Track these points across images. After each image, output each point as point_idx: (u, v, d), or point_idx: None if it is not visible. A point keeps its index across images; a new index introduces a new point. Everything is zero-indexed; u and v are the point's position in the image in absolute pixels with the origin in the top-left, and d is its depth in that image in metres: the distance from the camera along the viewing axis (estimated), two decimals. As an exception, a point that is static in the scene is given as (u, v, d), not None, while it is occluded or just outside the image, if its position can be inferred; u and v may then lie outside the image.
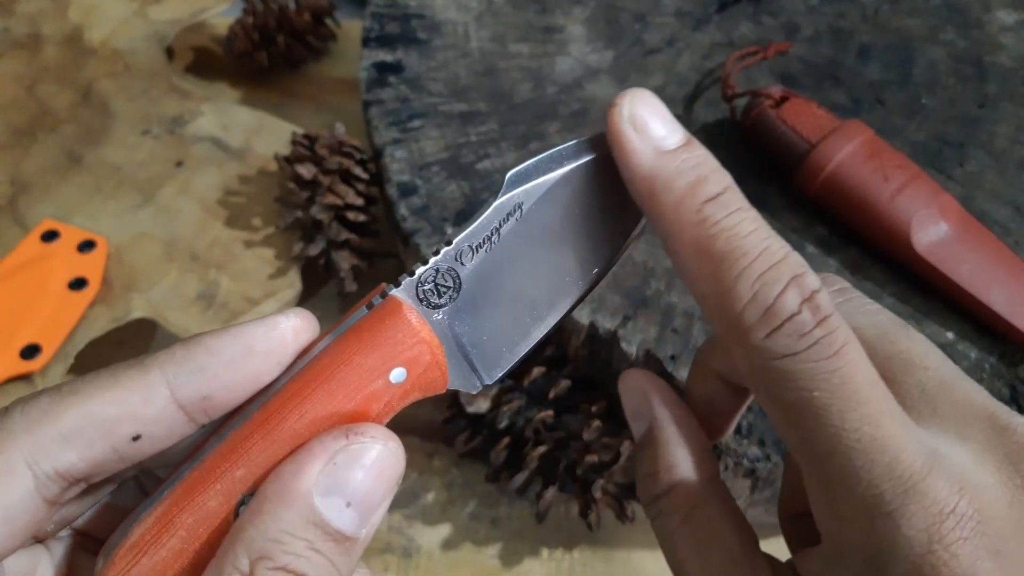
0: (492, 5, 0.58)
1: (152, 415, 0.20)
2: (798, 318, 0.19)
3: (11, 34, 0.71)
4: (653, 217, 0.21)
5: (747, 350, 0.20)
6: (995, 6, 0.56)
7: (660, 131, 0.21)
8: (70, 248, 0.56)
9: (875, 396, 0.19)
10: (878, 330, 0.22)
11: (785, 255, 0.20)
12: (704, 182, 0.21)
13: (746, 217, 0.20)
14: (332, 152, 0.55)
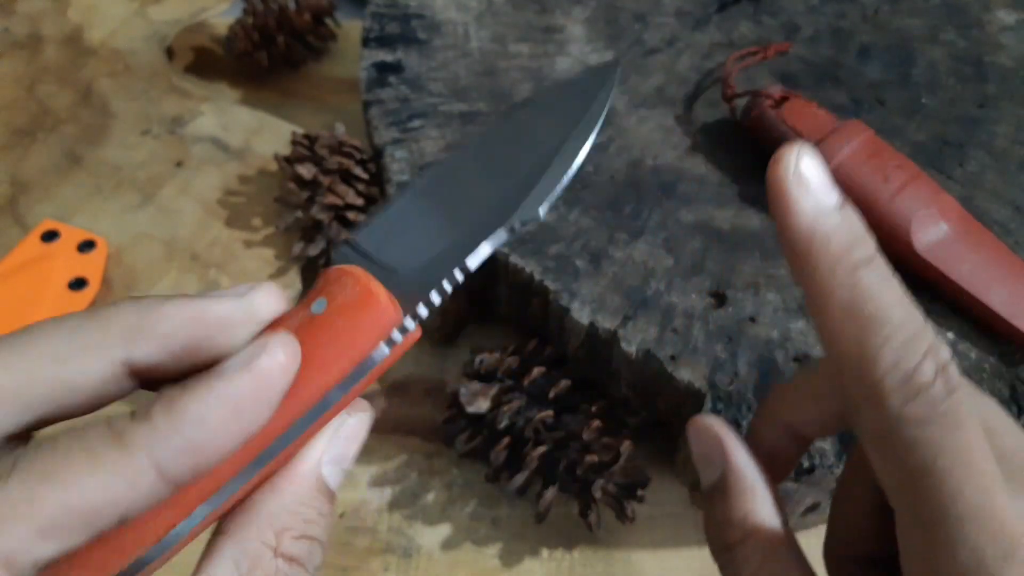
0: (492, 5, 0.58)
1: (140, 498, 0.18)
2: (933, 389, 0.20)
3: (11, 34, 0.71)
4: (805, 274, 0.22)
5: (880, 414, 0.20)
6: (995, 6, 0.56)
7: (821, 189, 0.22)
8: (70, 248, 0.56)
9: (988, 469, 0.20)
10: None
11: (924, 325, 0.21)
12: (861, 243, 0.21)
13: (893, 285, 0.21)
14: (332, 152, 0.55)
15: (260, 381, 0.20)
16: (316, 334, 0.21)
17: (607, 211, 0.47)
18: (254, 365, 0.20)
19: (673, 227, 0.46)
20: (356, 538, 0.46)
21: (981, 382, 0.40)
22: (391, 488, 0.47)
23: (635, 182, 0.48)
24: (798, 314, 0.42)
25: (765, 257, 0.45)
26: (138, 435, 0.18)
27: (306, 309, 0.22)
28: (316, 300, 0.22)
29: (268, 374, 0.20)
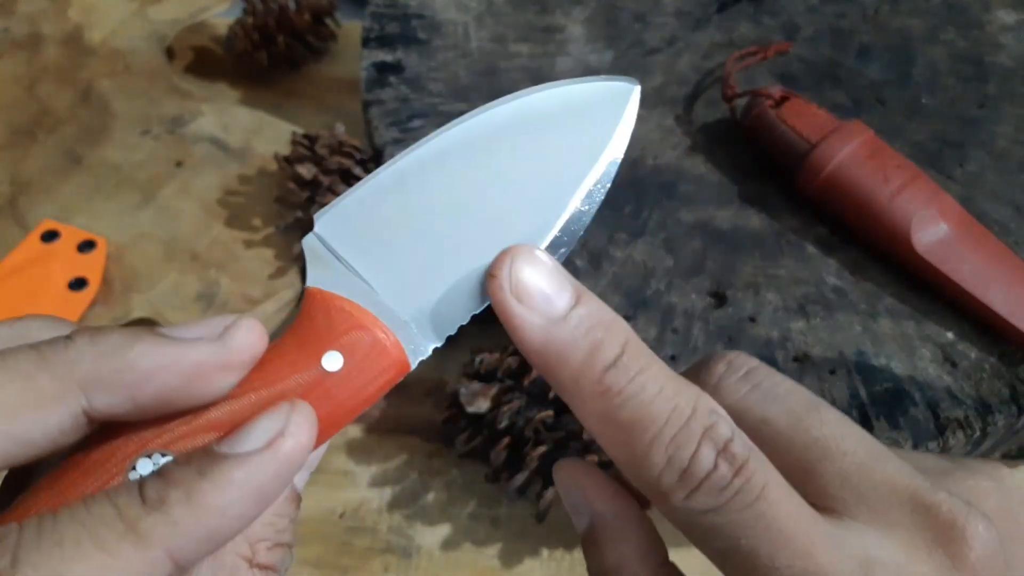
0: (492, 5, 0.58)
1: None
2: (715, 474, 0.19)
3: (11, 34, 0.71)
4: (556, 389, 0.21)
5: (669, 510, 0.20)
6: (995, 6, 0.56)
7: (546, 295, 0.20)
8: (70, 248, 0.56)
9: (802, 529, 0.19)
10: (792, 418, 0.22)
11: (693, 409, 0.20)
12: (600, 347, 0.20)
13: (648, 377, 0.20)
14: (332, 152, 0.55)
15: (282, 465, 0.18)
16: (332, 394, 0.20)
17: (607, 211, 0.47)
18: (277, 450, 0.18)
19: (673, 227, 0.46)
20: (356, 538, 0.46)
21: (981, 382, 0.40)
22: (391, 488, 0.47)
23: (635, 182, 0.48)
24: (798, 314, 0.42)
25: (765, 257, 0.45)
26: (156, 528, 0.17)
27: (317, 366, 0.20)
28: (328, 354, 0.20)
29: (290, 457, 0.19)
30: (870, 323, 0.42)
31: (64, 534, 0.16)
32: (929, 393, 0.40)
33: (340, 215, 0.22)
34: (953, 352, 0.41)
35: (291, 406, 0.19)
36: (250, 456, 0.18)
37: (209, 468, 0.18)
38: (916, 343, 0.42)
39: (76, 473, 0.19)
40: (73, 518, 0.17)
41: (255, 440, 0.18)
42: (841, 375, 0.41)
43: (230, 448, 0.18)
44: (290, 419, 0.19)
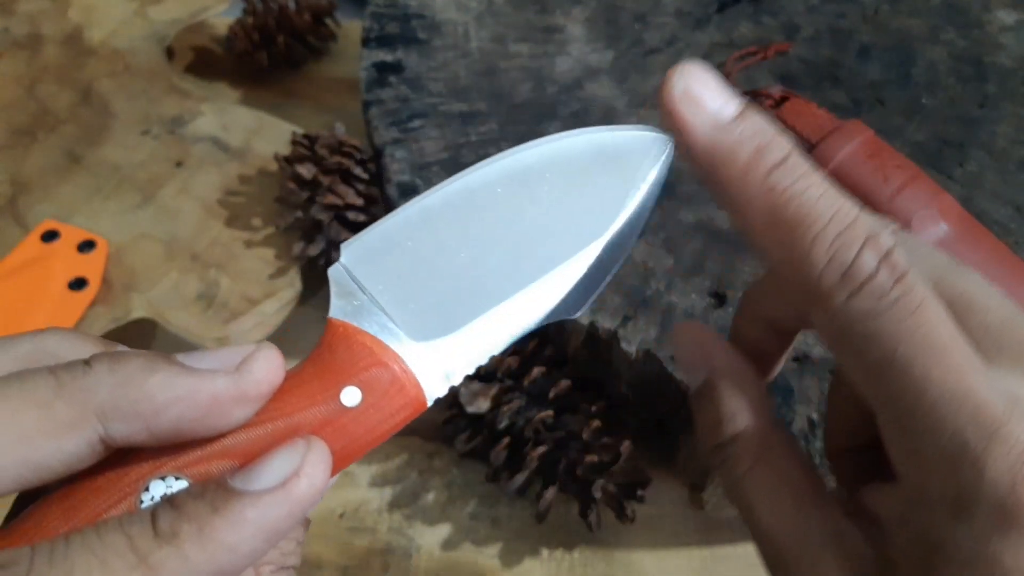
0: (492, 5, 0.58)
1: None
2: (877, 279, 0.19)
3: (11, 34, 0.71)
4: (719, 191, 0.21)
5: (828, 313, 0.20)
6: (995, 6, 0.56)
7: (715, 103, 0.21)
8: (70, 248, 0.56)
9: (956, 348, 0.19)
10: (936, 272, 0.22)
11: (857, 215, 0.20)
12: (767, 149, 0.20)
13: (814, 181, 0.20)
14: (332, 152, 0.55)
15: (295, 505, 0.18)
16: (348, 429, 0.20)
17: (607, 211, 0.47)
18: (291, 490, 0.18)
19: (673, 227, 0.46)
20: (356, 538, 0.46)
21: (981, 382, 0.40)
22: (391, 488, 0.47)
23: (635, 182, 0.48)
24: (798, 314, 0.42)
25: (765, 257, 0.45)
26: (167, 562, 0.17)
27: (335, 400, 0.20)
28: (347, 389, 0.20)
29: (304, 497, 0.19)
30: (870, 323, 0.42)
31: (75, 562, 0.16)
32: (929, 393, 0.40)
33: (366, 246, 0.22)
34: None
35: (307, 444, 0.19)
36: (263, 495, 0.18)
37: (223, 504, 0.18)
38: (916, 343, 0.42)
39: (88, 491, 0.19)
40: (84, 546, 0.17)
41: (269, 478, 0.18)
42: (841, 375, 0.41)
43: (244, 484, 0.18)
44: (306, 458, 0.19)
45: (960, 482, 0.19)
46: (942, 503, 0.19)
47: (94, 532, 0.17)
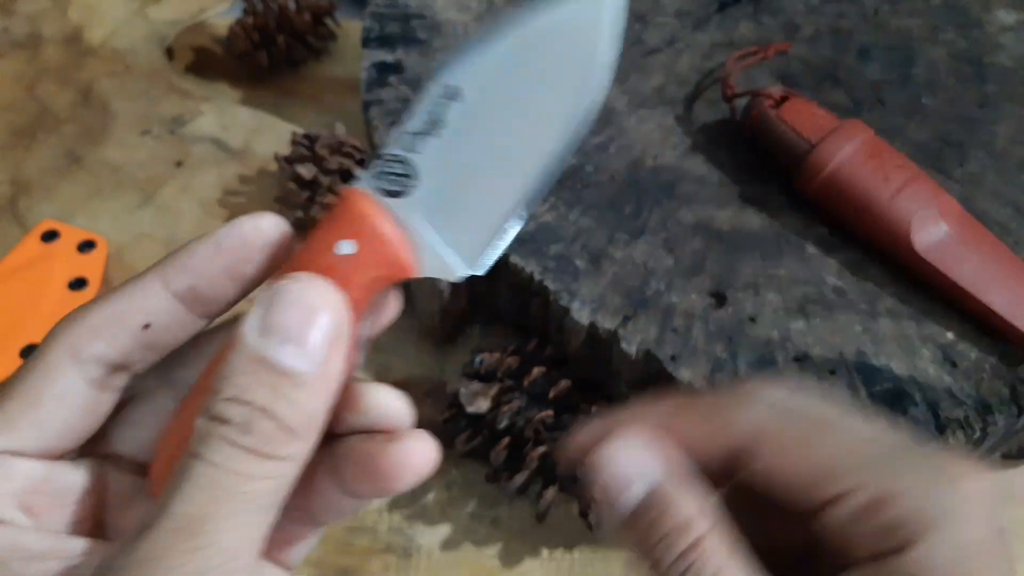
0: (492, 5, 0.58)
1: (154, 307, 0.23)
2: None
3: (11, 34, 0.71)
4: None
5: None
6: (995, 6, 0.56)
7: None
8: (70, 248, 0.56)
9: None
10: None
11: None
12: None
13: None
14: (332, 152, 0.55)
15: (234, 230, 0.23)
16: (347, 275, 0.22)
17: (607, 211, 0.47)
18: (235, 220, 0.23)
19: (673, 227, 0.46)
20: (356, 538, 0.46)
21: (981, 382, 0.40)
22: (391, 488, 0.47)
23: (635, 182, 0.48)
24: (798, 314, 0.42)
25: (765, 257, 0.45)
26: (156, 264, 0.23)
27: (330, 250, 0.22)
28: (341, 242, 0.22)
29: (244, 227, 0.23)
30: (870, 323, 0.42)
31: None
32: (929, 393, 0.40)
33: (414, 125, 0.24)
34: (953, 352, 0.41)
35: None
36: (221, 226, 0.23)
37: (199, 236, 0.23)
38: (916, 343, 0.42)
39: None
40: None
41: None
42: (841, 375, 0.41)
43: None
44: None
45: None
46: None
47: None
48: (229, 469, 0.19)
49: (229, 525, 0.19)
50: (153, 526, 0.19)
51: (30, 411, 0.22)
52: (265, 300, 0.21)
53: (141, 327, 0.23)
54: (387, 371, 0.51)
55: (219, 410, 0.20)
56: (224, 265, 0.23)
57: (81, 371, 0.22)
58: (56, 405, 0.22)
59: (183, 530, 0.19)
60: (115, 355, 0.23)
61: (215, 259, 0.23)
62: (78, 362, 0.22)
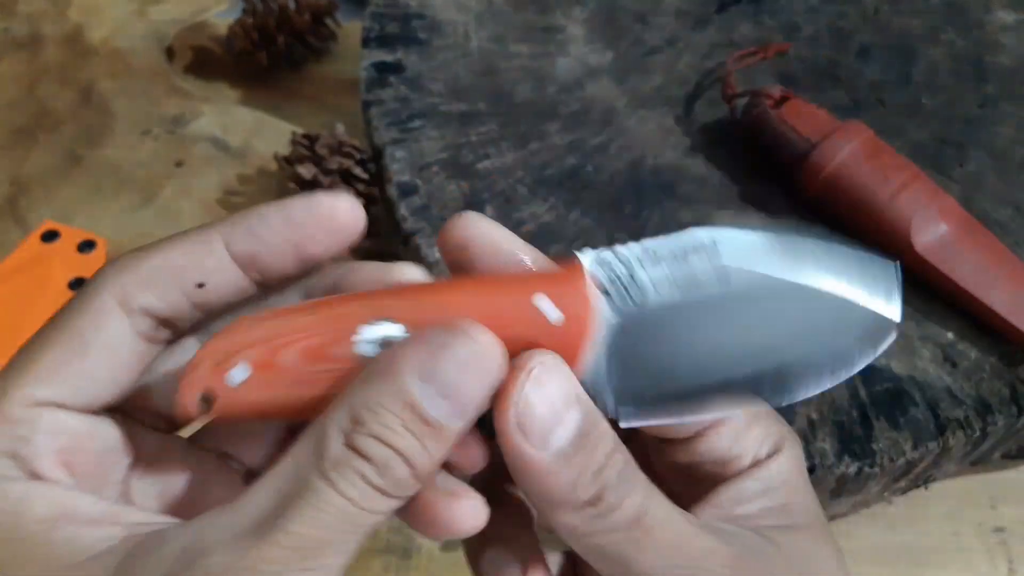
0: (492, 5, 0.58)
1: (212, 266, 0.22)
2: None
3: (11, 34, 0.71)
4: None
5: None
6: (995, 6, 0.56)
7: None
8: (70, 248, 0.56)
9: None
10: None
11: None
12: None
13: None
14: (332, 152, 0.55)
15: (311, 205, 0.23)
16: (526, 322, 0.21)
17: (607, 211, 0.47)
18: (313, 196, 0.23)
19: (673, 227, 0.46)
20: (356, 538, 0.46)
21: (981, 382, 0.40)
22: (391, 488, 0.47)
23: (635, 182, 0.48)
24: (798, 314, 0.42)
25: (765, 257, 0.45)
26: (219, 222, 0.23)
27: (530, 302, 0.21)
28: (538, 294, 0.21)
29: (321, 204, 0.23)
30: (870, 323, 0.42)
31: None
32: (929, 393, 0.40)
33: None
34: (953, 352, 0.41)
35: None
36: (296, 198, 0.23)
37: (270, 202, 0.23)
38: (916, 343, 0.42)
39: (302, 327, 0.21)
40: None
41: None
42: (841, 375, 0.40)
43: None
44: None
45: None
46: None
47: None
48: (359, 504, 0.19)
49: (340, 551, 0.19)
50: (267, 539, 0.18)
51: (76, 360, 0.21)
52: (434, 345, 0.20)
53: (195, 285, 0.22)
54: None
55: (361, 444, 0.19)
56: (292, 239, 0.22)
57: (130, 321, 0.22)
58: (104, 355, 0.21)
59: (300, 549, 0.19)
60: (166, 309, 0.22)
61: (283, 231, 0.22)
62: (128, 311, 0.22)
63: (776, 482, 0.24)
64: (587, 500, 0.21)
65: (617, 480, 0.21)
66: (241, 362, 0.21)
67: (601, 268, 0.22)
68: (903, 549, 0.45)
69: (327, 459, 0.19)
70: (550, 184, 0.48)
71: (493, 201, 0.48)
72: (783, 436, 0.25)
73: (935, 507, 0.46)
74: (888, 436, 0.39)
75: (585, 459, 0.21)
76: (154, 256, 0.22)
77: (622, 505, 0.21)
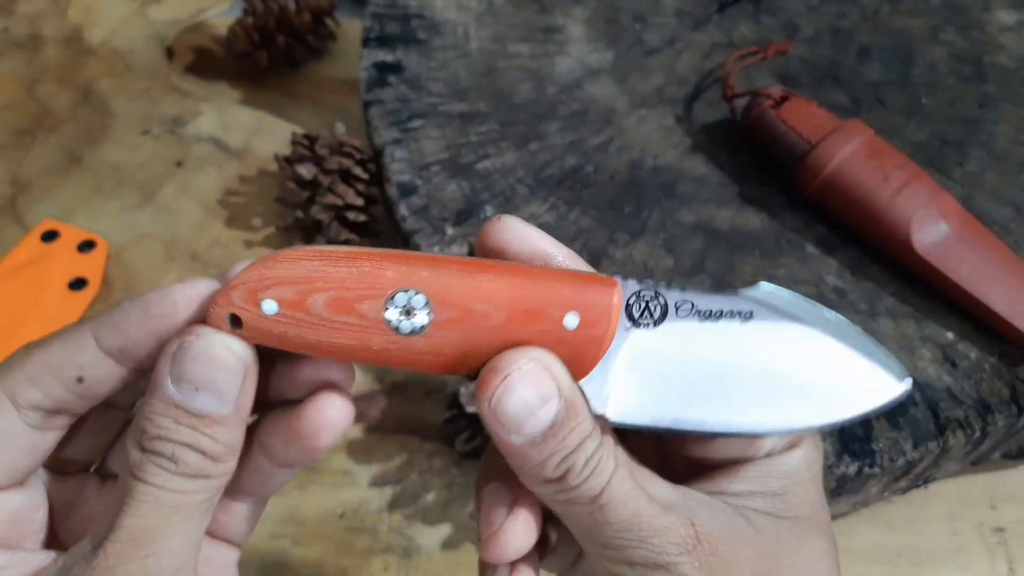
0: (492, 5, 0.58)
1: (87, 361, 0.23)
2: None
3: (11, 34, 0.71)
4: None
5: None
6: (995, 6, 0.56)
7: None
8: (70, 248, 0.56)
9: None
10: None
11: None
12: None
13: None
14: (332, 152, 0.55)
15: (166, 298, 0.23)
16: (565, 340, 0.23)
17: (607, 211, 0.47)
18: (168, 287, 0.23)
19: (673, 227, 0.46)
20: (356, 538, 0.46)
21: (981, 382, 0.40)
22: (391, 488, 0.47)
23: (635, 182, 0.48)
24: (798, 314, 0.42)
25: (765, 257, 0.45)
26: (91, 319, 0.23)
27: (561, 317, 0.23)
28: (571, 314, 0.23)
29: (174, 296, 0.23)
30: (870, 323, 0.42)
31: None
32: (929, 393, 0.40)
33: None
34: (953, 352, 0.41)
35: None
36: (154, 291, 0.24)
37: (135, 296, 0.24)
38: (916, 343, 0.42)
39: (343, 286, 0.22)
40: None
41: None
42: (841, 375, 0.41)
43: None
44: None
45: None
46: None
47: None
48: (168, 488, 0.22)
49: (173, 532, 0.22)
50: (108, 539, 0.22)
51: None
52: (174, 350, 0.22)
53: (75, 380, 0.24)
54: (387, 372, 0.51)
55: (151, 446, 0.22)
56: (151, 329, 0.23)
57: (20, 415, 0.24)
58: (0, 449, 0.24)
59: (135, 540, 0.22)
60: (51, 403, 0.24)
61: (143, 323, 0.23)
62: (17, 407, 0.23)
63: (778, 472, 0.25)
64: (553, 479, 0.23)
65: (583, 465, 0.23)
66: (270, 298, 0.22)
67: (637, 300, 0.24)
68: (902, 549, 0.45)
69: (133, 464, 0.22)
70: (550, 184, 0.48)
71: (493, 201, 0.48)
72: (802, 436, 0.26)
73: (935, 507, 0.46)
74: (888, 436, 0.39)
75: (555, 446, 0.23)
76: (37, 353, 0.24)
77: (583, 485, 0.23)
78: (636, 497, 0.23)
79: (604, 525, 0.23)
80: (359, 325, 0.22)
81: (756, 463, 0.25)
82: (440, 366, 0.23)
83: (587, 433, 0.23)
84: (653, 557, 0.23)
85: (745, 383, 0.24)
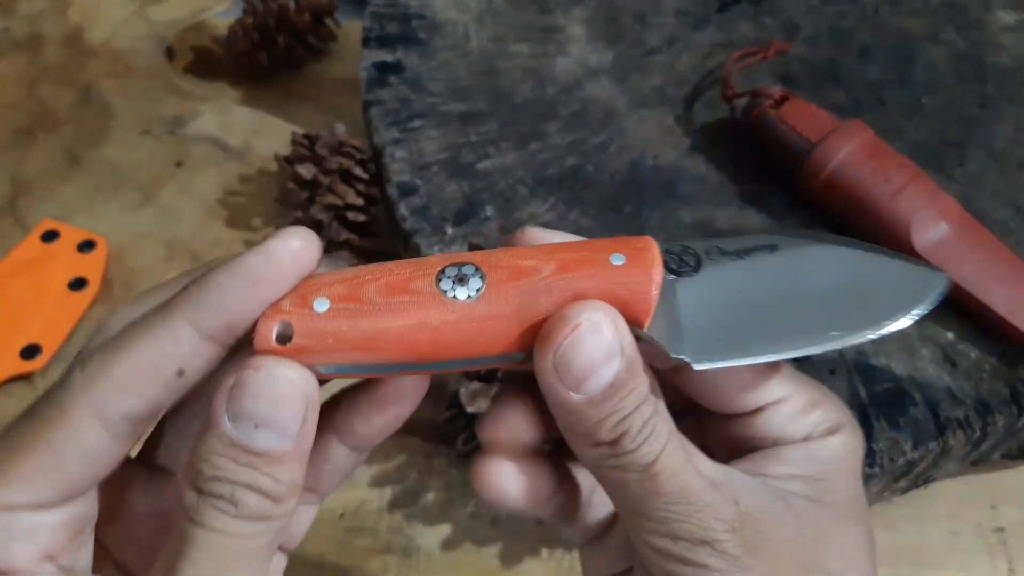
0: (492, 5, 0.58)
1: (186, 352, 0.22)
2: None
3: (11, 34, 0.71)
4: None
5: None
6: (995, 6, 0.56)
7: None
8: (70, 248, 0.56)
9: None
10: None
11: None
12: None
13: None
14: (332, 152, 0.55)
15: (271, 259, 0.22)
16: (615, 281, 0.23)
17: (607, 211, 0.47)
18: (267, 246, 0.22)
19: (673, 227, 0.46)
20: (356, 538, 0.46)
21: (981, 382, 0.40)
22: (391, 488, 0.47)
23: (635, 182, 0.48)
24: (798, 314, 0.42)
25: (765, 257, 0.45)
26: (177, 302, 0.22)
27: (608, 258, 0.23)
28: (615, 254, 0.23)
29: (279, 255, 0.22)
30: (870, 323, 0.42)
31: (124, 332, 0.22)
32: (929, 393, 0.40)
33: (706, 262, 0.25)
34: (953, 352, 0.41)
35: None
36: (246, 253, 0.23)
37: (220, 265, 0.22)
38: (916, 343, 0.42)
39: (396, 272, 0.23)
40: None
41: (256, 248, 0.22)
42: (841, 375, 0.41)
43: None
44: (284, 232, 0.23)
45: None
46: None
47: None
48: (228, 532, 0.21)
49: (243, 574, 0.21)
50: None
51: (50, 468, 0.22)
52: (231, 386, 0.21)
53: (175, 375, 0.22)
54: (387, 371, 0.51)
55: (207, 487, 0.21)
56: (261, 298, 0.22)
57: (107, 427, 0.22)
58: (79, 460, 0.22)
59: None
60: (147, 409, 0.22)
61: (250, 294, 0.22)
62: (103, 420, 0.22)
63: (819, 457, 0.25)
64: (607, 441, 0.22)
65: (638, 429, 0.22)
66: (322, 296, 0.22)
67: (669, 255, 0.24)
68: (903, 549, 0.45)
69: (189, 509, 0.21)
70: (550, 184, 0.48)
71: (493, 201, 0.48)
72: (842, 423, 0.26)
73: (935, 507, 0.46)
74: (888, 436, 0.39)
75: (614, 406, 0.22)
76: (125, 356, 0.22)
77: (637, 451, 0.22)
78: (687, 469, 0.23)
79: (653, 496, 0.23)
80: (415, 302, 0.22)
81: (796, 446, 0.25)
82: (501, 333, 0.23)
83: (644, 396, 0.23)
84: (699, 532, 0.22)
85: (804, 303, 0.24)
